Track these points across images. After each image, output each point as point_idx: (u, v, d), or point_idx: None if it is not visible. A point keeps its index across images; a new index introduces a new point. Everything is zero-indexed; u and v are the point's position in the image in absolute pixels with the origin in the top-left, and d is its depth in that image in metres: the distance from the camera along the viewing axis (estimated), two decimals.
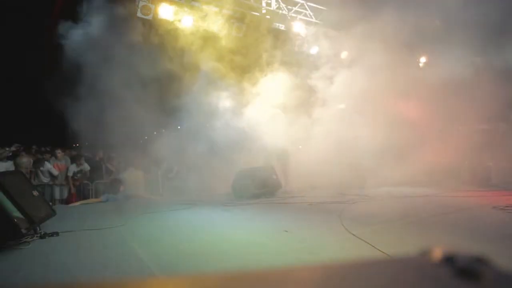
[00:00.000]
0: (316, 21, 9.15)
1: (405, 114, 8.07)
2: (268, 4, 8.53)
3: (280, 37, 8.61)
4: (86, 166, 8.15)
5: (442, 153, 8.48)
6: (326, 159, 7.34)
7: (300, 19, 9.02)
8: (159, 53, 7.31)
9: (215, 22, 7.96)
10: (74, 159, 8.32)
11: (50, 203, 5.65)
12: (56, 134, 9.57)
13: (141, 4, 7.32)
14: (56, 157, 7.94)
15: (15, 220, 3.52)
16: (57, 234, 3.98)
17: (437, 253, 0.48)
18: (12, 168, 6.62)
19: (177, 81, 7.48)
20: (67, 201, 7.78)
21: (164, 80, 7.43)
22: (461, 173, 8.33)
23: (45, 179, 7.53)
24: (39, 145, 9.58)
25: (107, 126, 6.85)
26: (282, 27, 8.95)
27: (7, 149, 7.37)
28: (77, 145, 9.91)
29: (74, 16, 6.50)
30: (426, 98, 7.83)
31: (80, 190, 8.17)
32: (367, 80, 7.94)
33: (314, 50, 9.44)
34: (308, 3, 8.92)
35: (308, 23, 9.14)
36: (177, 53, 7.58)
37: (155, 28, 7.41)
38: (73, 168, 7.98)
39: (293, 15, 8.89)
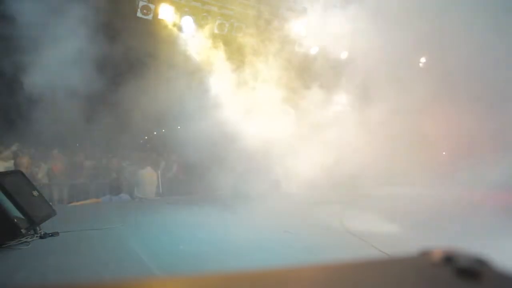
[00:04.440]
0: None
1: (405, 113, 8.08)
2: (268, 4, 8.51)
3: (280, 37, 8.58)
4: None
5: (442, 152, 8.48)
6: (326, 159, 7.34)
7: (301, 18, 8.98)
8: (159, 54, 7.31)
9: (215, 22, 7.96)
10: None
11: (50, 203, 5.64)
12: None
13: (141, 4, 7.32)
14: (53, 157, 7.95)
15: (15, 220, 3.51)
16: (57, 234, 3.98)
17: (437, 253, 0.48)
18: (12, 168, 6.63)
19: (177, 80, 7.48)
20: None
21: (165, 80, 7.43)
22: (462, 173, 8.32)
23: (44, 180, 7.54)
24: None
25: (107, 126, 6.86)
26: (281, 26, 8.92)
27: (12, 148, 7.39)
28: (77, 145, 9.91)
29: None
30: (426, 97, 7.82)
31: (80, 190, 8.18)
32: (366, 79, 7.95)
33: (314, 50, 9.41)
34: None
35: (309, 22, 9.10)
36: (178, 53, 7.58)
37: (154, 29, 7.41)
38: None
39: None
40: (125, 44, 6.63)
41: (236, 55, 8.01)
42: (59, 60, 6.07)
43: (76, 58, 6.32)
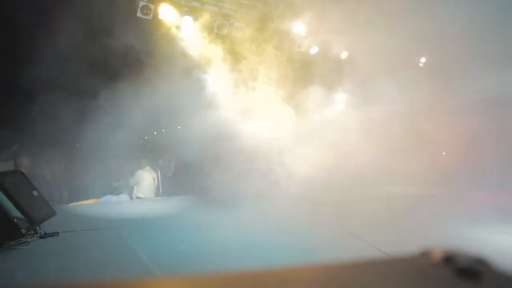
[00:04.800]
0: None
1: (405, 113, 8.07)
2: (268, 3, 8.49)
3: (280, 37, 8.58)
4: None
5: (442, 152, 8.48)
6: (327, 159, 7.33)
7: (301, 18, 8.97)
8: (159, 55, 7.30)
9: (215, 22, 7.95)
10: None
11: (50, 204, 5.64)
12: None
13: (141, 4, 7.31)
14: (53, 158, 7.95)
15: (15, 220, 3.51)
16: (57, 234, 3.98)
17: (437, 253, 0.48)
18: (12, 168, 6.63)
19: (177, 80, 7.47)
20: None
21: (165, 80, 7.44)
22: (461, 173, 8.33)
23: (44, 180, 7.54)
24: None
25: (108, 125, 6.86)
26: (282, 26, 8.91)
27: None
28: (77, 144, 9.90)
29: None
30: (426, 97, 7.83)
31: (80, 190, 8.18)
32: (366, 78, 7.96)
33: (314, 50, 9.41)
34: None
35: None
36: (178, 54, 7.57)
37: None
38: None
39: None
40: (125, 44, 6.63)
41: (236, 55, 8.01)
42: (58, 60, 6.08)
43: (76, 57, 6.32)
